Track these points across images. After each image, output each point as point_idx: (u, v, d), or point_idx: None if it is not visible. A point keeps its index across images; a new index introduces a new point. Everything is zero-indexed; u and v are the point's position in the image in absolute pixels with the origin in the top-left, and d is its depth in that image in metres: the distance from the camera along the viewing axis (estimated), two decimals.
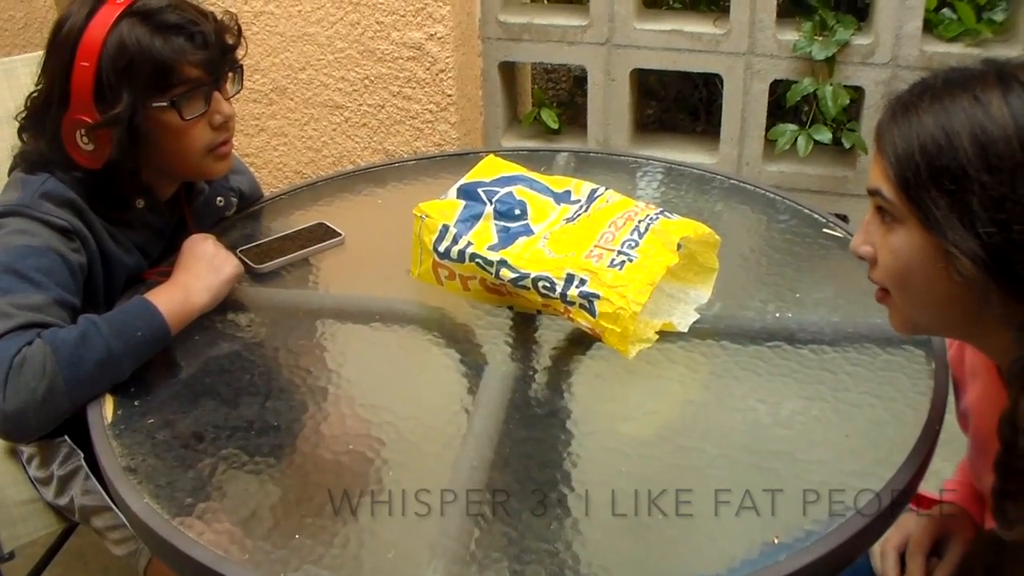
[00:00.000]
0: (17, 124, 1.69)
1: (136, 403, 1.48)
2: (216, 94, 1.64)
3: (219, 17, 1.66)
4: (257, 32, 3.20)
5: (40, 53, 1.65)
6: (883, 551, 1.51)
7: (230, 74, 1.68)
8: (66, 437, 1.85)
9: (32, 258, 1.52)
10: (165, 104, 1.58)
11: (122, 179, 1.65)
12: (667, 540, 1.24)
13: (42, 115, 1.62)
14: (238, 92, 1.72)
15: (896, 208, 1.16)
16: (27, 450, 1.94)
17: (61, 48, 1.57)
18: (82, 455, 1.81)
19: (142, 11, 1.57)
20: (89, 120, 1.56)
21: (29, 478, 1.96)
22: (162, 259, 1.79)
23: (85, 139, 1.57)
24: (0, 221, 1.56)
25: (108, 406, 1.47)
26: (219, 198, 1.89)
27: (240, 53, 1.69)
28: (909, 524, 1.52)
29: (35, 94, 1.65)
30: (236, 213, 1.98)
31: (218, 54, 1.61)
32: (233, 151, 1.77)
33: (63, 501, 1.88)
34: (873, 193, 1.19)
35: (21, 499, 1.97)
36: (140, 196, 1.70)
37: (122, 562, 1.91)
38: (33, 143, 1.65)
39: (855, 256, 1.26)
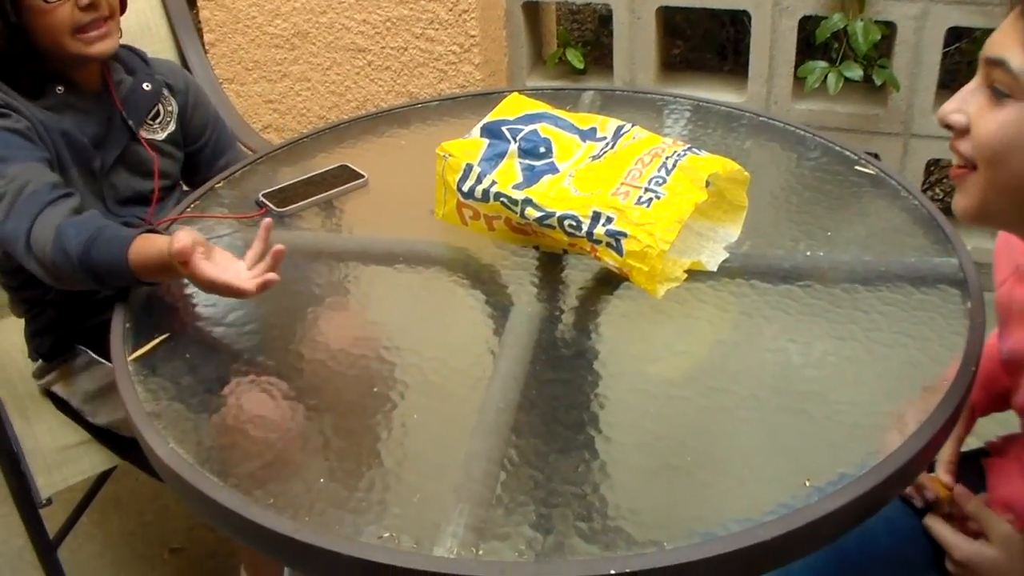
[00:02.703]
0: None
1: (160, 348, 1.47)
2: None
3: None
4: None
5: None
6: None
7: None
8: (92, 355, 1.91)
9: None
10: None
11: (19, 66, 1.73)
12: (696, 483, 1.22)
13: None
14: None
15: (1018, 82, 1.08)
16: (58, 382, 1.96)
17: None
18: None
19: None
20: None
21: (72, 418, 1.98)
22: (106, 143, 1.84)
23: None
24: None
25: (131, 351, 1.46)
26: (145, 84, 1.91)
27: None
28: None
29: None
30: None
31: None
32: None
33: (113, 416, 1.91)
34: (993, 63, 1.10)
35: (56, 446, 1.98)
36: (57, 83, 1.78)
37: (157, 507, 1.93)
38: None
39: (941, 124, 1.18)
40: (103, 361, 1.87)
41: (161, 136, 1.93)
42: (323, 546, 1.11)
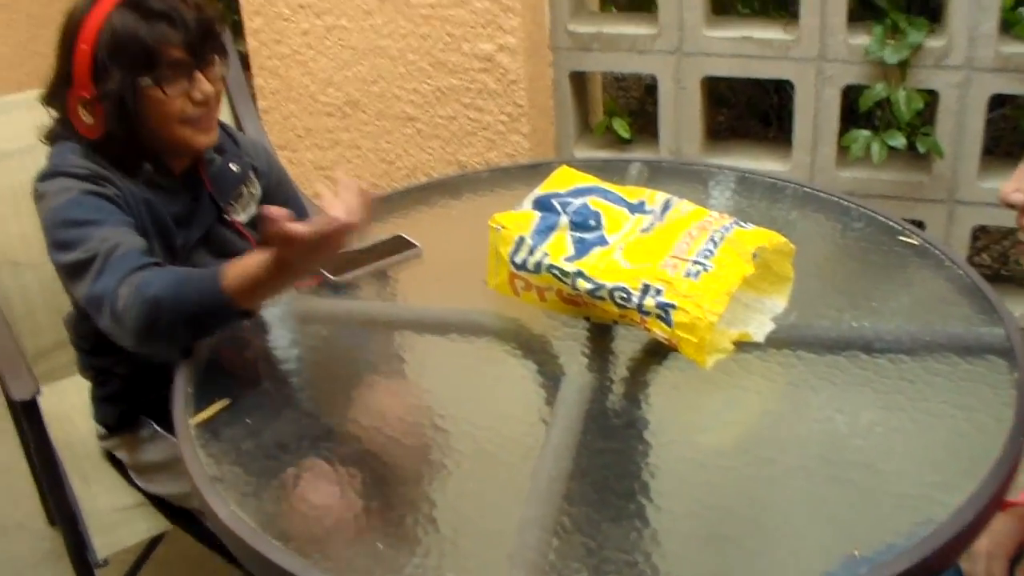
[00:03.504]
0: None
1: (222, 413, 1.51)
2: (198, 74, 1.75)
3: (203, 6, 1.78)
4: (330, 46, 3.24)
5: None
6: (973, 554, 1.49)
7: (216, 57, 1.80)
8: (156, 427, 1.93)
9: (78, 206, 1.68)
10: (150, 82, 1.71)
11: (121, 146, 1.77)
12: (746, 552, 1.24)
13: (54, 92, 1.79)
14: (226, 73, 1.84)
15: None
16: (119, 448, 2.00)
17: (67, 33, 1.74)
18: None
19: (133, 1, 1.71)
20: (87, 95, 1.72)
21: (129, 482, 2.02)
22: (191, 222, 1.87)
23: (85, 112, 1.74)
24: (43, 187, 1.74)
25: (195, 415, 1.51)
26: (232, 164, 1.96)
27: (223, 39, 1.82)
28: (995, 526, 1.49)
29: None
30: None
31: (198, 38, 1.74)
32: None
33: (171, 489, 1.95)
34: None
35: (114, 507, 2.01)
36: (147, 162, 1.82)
37: (209, 570, 1.96)
38: (51, 119, 1.83)
39: (1004, 204, 1.19)
40: (166, 435, 1.91)
41: (243, 217, 1.96)
42: None
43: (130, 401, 1.95)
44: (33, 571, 2.58)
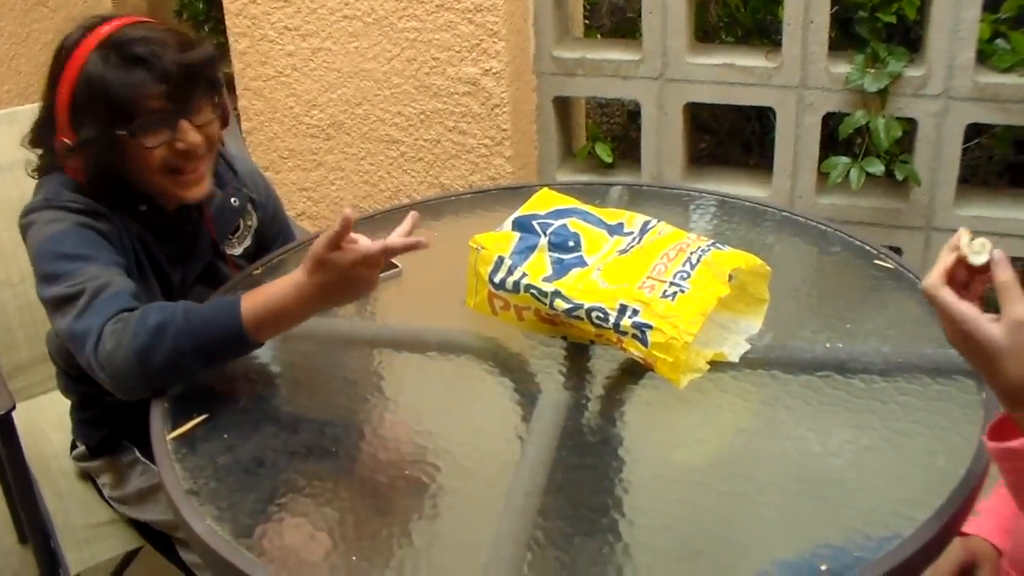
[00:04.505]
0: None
1: (199, 428, 1.52)
2: (182, 123, 1.66)
3: (191, 44, 1.68)
4: (315, 68, 3.26)
5: None
6: None
7: (206, 102, 1.71)
8: (138, 454, 1.92)
9: (69, 239, 1.63)
10: (127, 133, 1.63)
11: (111, 188, 1.72)
12: (718, 566, 1.26)
13: (40, 134, 1.74)
14: (216, 118, 1.73)
15: None
16: (100, 473, 2.00)
17: (52, 73, 1.68)
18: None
19: (114, 43, 1.63)
20: (68, 142, 1.66)
21: (104, 499, 2.01)
22: (189, 259, 1.84)
23: (69, 157, 1.68)
24: (32, 217, 1.68)
25: (171, 428, 1.51)
26: (233, 199, 1.91)
27: (214, 82, 1.72)
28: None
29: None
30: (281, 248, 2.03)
31: (180, 85, 1.64)
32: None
33: (150, 516, 1.94)
34: None
35: (87, 522, 2.01)
36: (140, 203, 1.76)
37: None
38: (40, 154, 1.77)
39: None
40: (149, 463, 1.90)
41: (238, 251, 1.94)
42: None
43: (114, 426, 1.94)
44: None
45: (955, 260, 1.19)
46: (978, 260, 1.17)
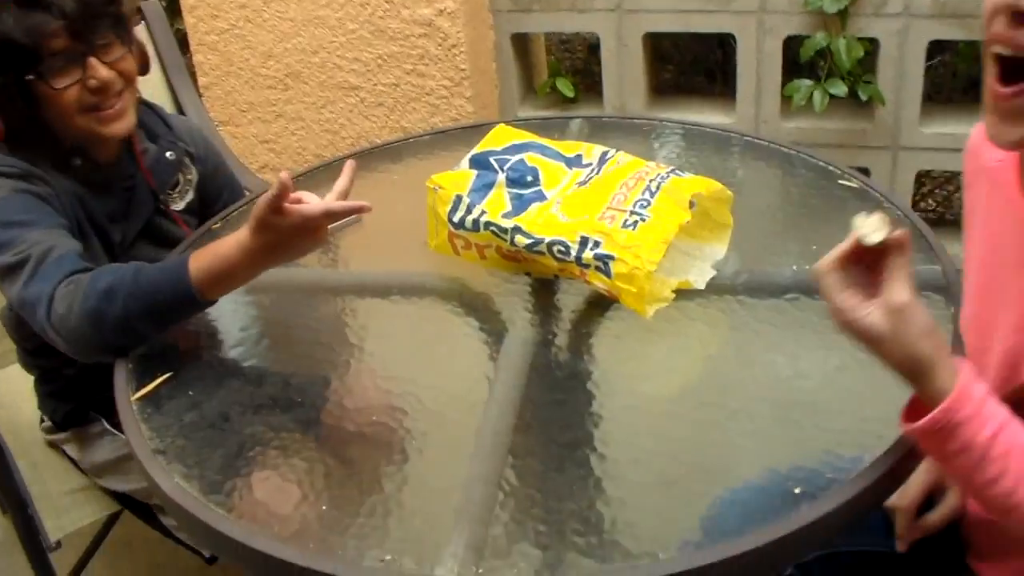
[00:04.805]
0: None
1: (164, 387, 1.50)
2: (91, 60, 1.64)
3: None
4: (268, 19, 3.21)
5: None
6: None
7: (115, 38, 1.69)
8: (106, 424, 1.91)
9: (8, 206, 1.60)
10: (35, 78, 1.61)
11: (37, 141, 1.69)
12: (691, 495, 1.25)
13: None
14: (128, 53, 1.72)
15: None
16: (68, 445, 1.98)
17: None
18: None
19: None
20: None
21: (76, 466, 1.99)
22: (129, 215, 1.82)
23: None
24: None
25: (136, 390, 1.49)
26: (168, 152, 1.89)
27: (120, 17, 1.70)
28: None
29: None
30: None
31: (83, 22, 1.61)
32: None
33: (124, 485, 1.93)
34: None
35: (64, 489, 2.00)
36: (74, 156, 1.74)
37: (168, 549, 1.95)
38: None
39: (1013, 7, 1.07)
40: (117, 433, 1.88)
41: (180, 206, 1.91)
42: (327, 571, 1.14)
43: (78, 398, 1.91)
44: None
45: (853, 242, 1.14)
46: (870, 240, 1.11)
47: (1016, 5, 1.06)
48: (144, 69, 1.79)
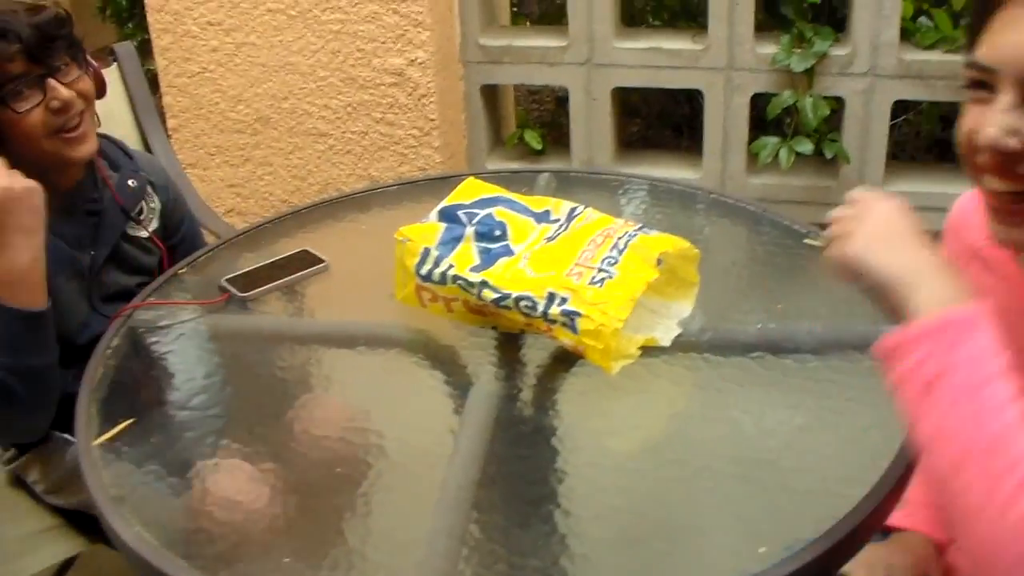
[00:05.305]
0: None
1: (123, 433, 1.48)
2: (51, 81, 1.70)
3: (42, 9, 1.73)
4: (239, 63, 3.22)
5: None
6: None
7: (71, 60, 1.74)
8: (66, 436, 1.89)
9: None
10: None
11: None
12: (654, 553, 1.25)
13: None
14: (85, 74, 1.77)
15: None
16: (30, 469, 1.95)
17: None
18: None
19: None
20: None
21: (38, 502, 1.96)
22: (97, 241, 1.86)
23: None
24: None
25: (97, 436, 1.48)
26: (130, 181, 1.94)
27: (74, 39, 1.76)
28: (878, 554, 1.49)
29: None
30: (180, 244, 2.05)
31: (38, 45, 1.67)
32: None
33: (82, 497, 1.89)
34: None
35: (18, 534, 1.96)
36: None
37: None
38: None
39: (995, 148, 1.07)
40: (74, 440, 1.87)
41: (145, 234, 1.94)
42: None
43: None
44: None
45: None
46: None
47: (998, 144, 1.06)
48: (101, 91, 1.84)
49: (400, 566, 1.25)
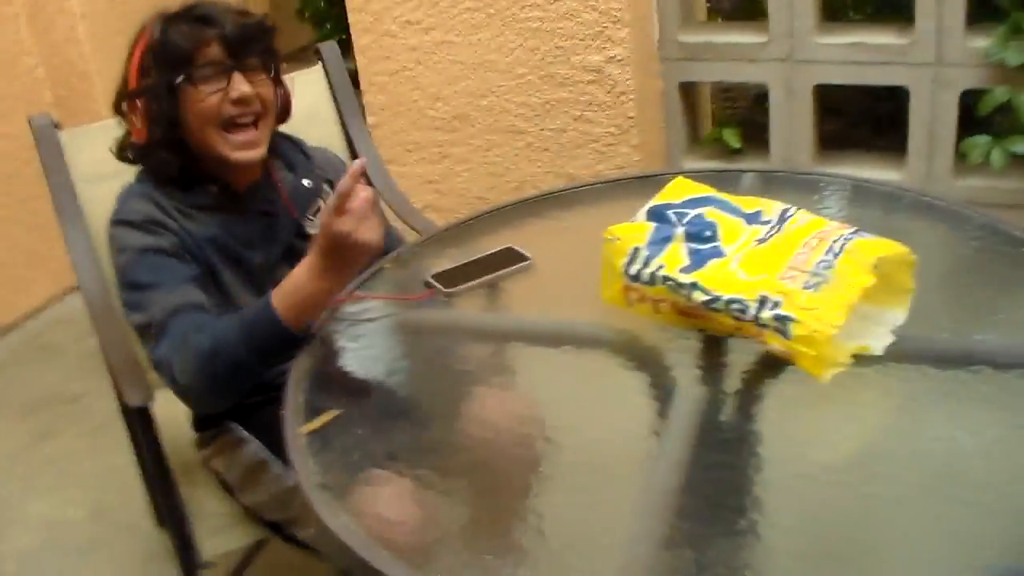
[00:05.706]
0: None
1: (332, 424, 1.52)
2: (236, 74, 1.80)
3: (250, 13, 1.88)
4: (438, 61, 3.26)
5: None
6: None
7: (261, 64, 1.85)
8: (240, 429, 1.96)
9: (138, 268, 1.77)
10: (183, 78, 1.78)
11: (173, 157, 1.85)
12: (859, 573, 1.21)
13: (118, 98, 1.89)
14: (271, 84, 1.87)
15: None
16: (215, 460, 2.03)
17: (130, 44, 1.86)
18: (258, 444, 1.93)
19: (180, 11, 1.84)
20: (134, 95, 1.84)
21: (227, 490, 2.04)
22: (269, 240, 1.92)
23: (134, 115, 1.85)
24: (111, 233, 1.83)
25: (306, 424, 1.51)
26: (305, 180, 1.99)
27: (271, 47, 1.87)
28: None
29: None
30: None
31: (237, 39, 1.79)
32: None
33: (255, 498, 1.96)
34: None
35: (219, 511, 2.03)
36: (210, 183, 1.88)
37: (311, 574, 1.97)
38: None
39: None
40: (251, 438, 1.94)
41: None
42: None
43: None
44: (142, 569, 2.68)
45: None
46: None
47: None
48: (285, 113, 1.95)
49: (600, 569, 1.24)
